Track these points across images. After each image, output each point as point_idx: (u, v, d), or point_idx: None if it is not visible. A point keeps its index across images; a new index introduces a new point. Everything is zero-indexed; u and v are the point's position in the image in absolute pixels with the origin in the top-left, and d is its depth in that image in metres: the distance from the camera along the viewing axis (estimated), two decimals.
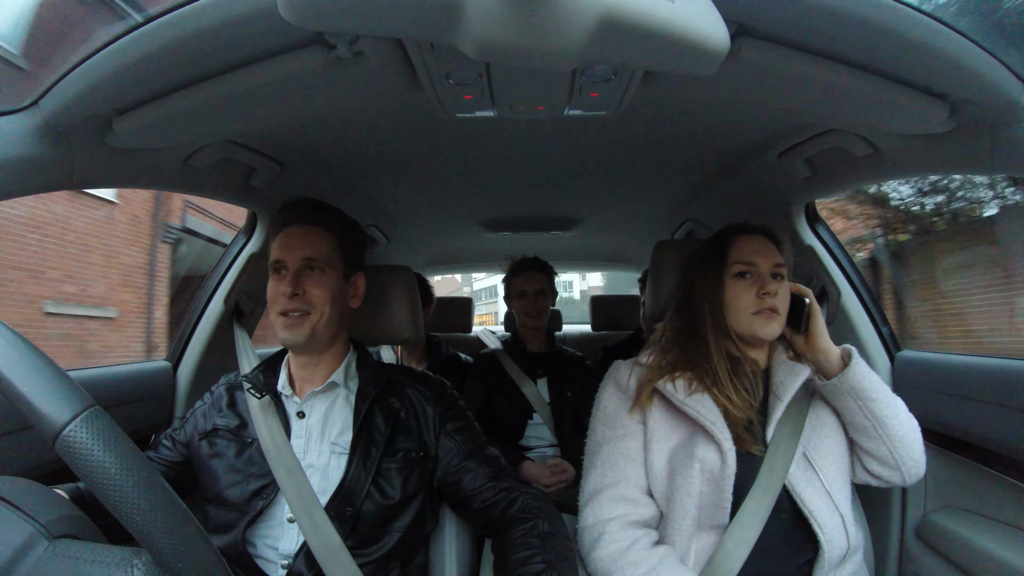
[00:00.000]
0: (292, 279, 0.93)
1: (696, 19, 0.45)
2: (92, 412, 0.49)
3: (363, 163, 1.34)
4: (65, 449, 0.47)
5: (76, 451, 0.47)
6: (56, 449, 0.47)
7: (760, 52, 0.64)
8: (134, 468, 0.48)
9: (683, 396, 0.93)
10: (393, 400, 0.98)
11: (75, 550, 0.49)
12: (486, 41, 0.42)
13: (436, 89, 0.75)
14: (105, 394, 1.13)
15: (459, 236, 2.25)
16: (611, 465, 0.96)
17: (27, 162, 0.74)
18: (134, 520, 0.47)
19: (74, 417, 0.47)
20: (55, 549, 0.49)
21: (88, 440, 0.47)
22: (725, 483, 0.87)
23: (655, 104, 0.97)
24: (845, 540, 0.88)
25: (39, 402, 0.47)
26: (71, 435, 0.47)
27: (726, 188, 1.49)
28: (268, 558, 0.89)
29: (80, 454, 0.47)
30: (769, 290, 0.94)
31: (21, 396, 0.48)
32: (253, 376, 0.98)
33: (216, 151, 1.03)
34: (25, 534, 0.49)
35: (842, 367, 0.93)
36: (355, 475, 0.90)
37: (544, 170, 1.43)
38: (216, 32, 0.61)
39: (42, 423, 0.47)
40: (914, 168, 0.98)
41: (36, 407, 0.47)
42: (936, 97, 0.72)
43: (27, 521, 0.50)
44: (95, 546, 0.50)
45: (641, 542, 0.89)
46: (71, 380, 0.50)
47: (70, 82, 0.70)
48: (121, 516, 0.47)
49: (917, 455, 0.93)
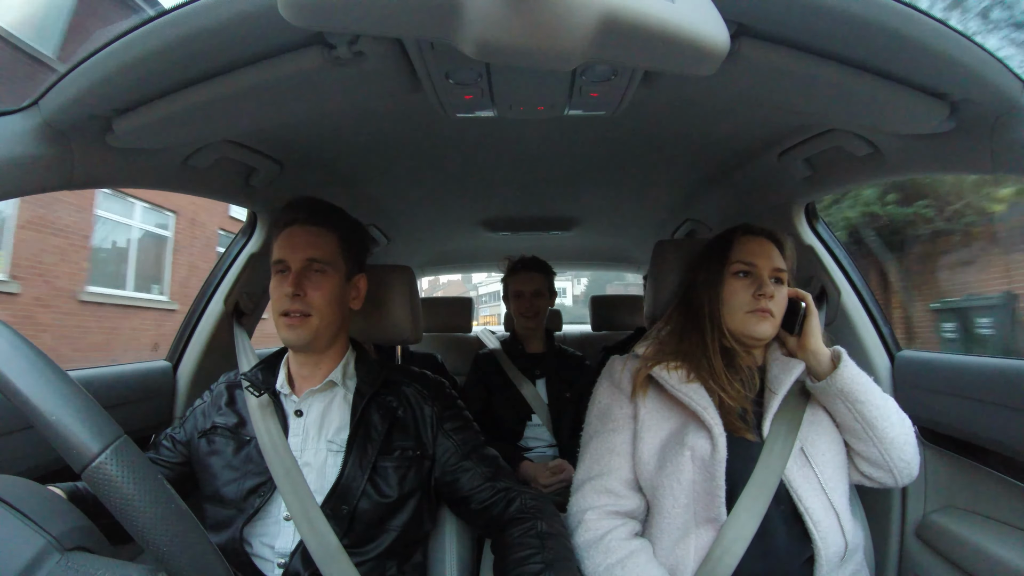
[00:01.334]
0: (294, 279, 0.93)
1: (696, 19, 0.45)
2: (121, 443, 0.49)
3: (363, 163, 1.34)
4: (94, 480, 0.47)
5: (106, 482, 0.47)
6: (84, 478, 0.48)
7: (760, 52, 0.64)
8: (161, 499, 0.49)
9: (676, 383, 0.95)
10: (391, 399, 0.99)
11: (87, 564, 0.48)
12: (486, 41, 0.42)
13: (436, 89, 0.75)
14: (105, 394, 1.13)
15: (459, 236, 2.25)
16: (597, 458, 0.98)
17: (27, 162, 0.74)
18: (158, 547, 0.48)
19: (104, 448, 0.48)
20: (67, 563, 0.48)
21: (117, 472, 0.48)
22: (716, 469, 0.87)
23: (655, 104, 0.97)
24: (841, 539, 0.88)
25: (68, 433, 0.48)
26: (101, 467, 0.47)
27: (726, 188, 1.49)
28: (265, 556, 0.89)
29: (110, 485, 0.47)
30: (765, 291, 0.95)
31: (49, 425, 0.48)
32: (252, 375, 0.98)
33: (216, 151, 1.03)
34: (37, 547, 0.48)
35: (832, 369, 0.93)
36: (351, 473, 0.90)
37: (544, 170, 1.43)
38: (216, 32, 0.60)
39: (70, 454, 0.48)
40: (914, 168, 0.98)
41: (65, 438, 0.48)
42: (936, 97, 0.72)
43: (38, 533, 0.49)
44: (108, 561, 0.50)
45: (616, 532, 0.91)
46: (100, 409, 0.50)
47: (70, 82, 0.70)
48: (146, 543, 0.48)
49: (909, 457, 0.93)
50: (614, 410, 1.00)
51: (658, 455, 0.94)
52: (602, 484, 0.96)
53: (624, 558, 0.88)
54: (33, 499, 0.54)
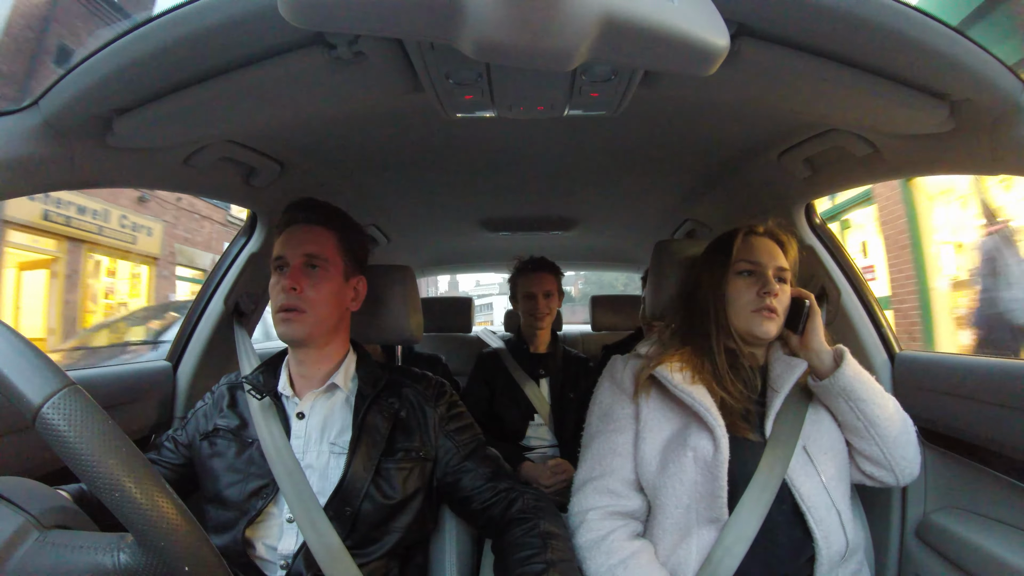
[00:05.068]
0: (292, 274, 0.93)
1: (696, 19, 0.45)
2: (70, 390, 0.48)
3: (363, 163, 1.34)
4: (44, 427, 0.47)
5: (55, 429, 0.47)
6: (36, 427, 0.47)
7: (760, 52, 0.64)
8: (113, 446, 0.48)
9: (678, 383, 0.95)
10: (393, 400, 0.99)
11: (66, 539, 0.50)
12: (486, 41, 0.42)
13: (436, 89, 0.75)
14: (105, 394, 1.13)
15: (459, 236, 2.25)
16: (599, 459, 0.98)
17: (27, 162, 0.74)
18: (112, 497, 0.46)
19: (52, 394, 0.47)
20: (46, 539, 0.49)
21: (63, 419, 0.47)
22: (718, 470, 0.87)
23: (655, 104, 0.97)
24: (843, 538, 0.88)
25: (17, 380, 0.47)
26: (49, 413, 0.47)
27: (726, 188, 1.49)
28: (267, 558, 0.89)
29: (59, 432, 0.46)
30: (770, 290, 0.95)
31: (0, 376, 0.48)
32: (253, 377, 0.98)
33: (216, 151, 1.03)
34: (16, 525, 0.49)
35: (834, 368, 0.93)
36: (354, 475, 0.90)
37: (544, 170, 1.43)
38: (216, 32, 0.61)
39: (20, 401, 0.47)
40: (914, 168, 0.98)
41: (14, 385, 0.47)
42: (936, 97, 0.72)
43: (18, 512, 0.50)
44: (83, 534, 0.51)
45: (618, 532, 0.91)
46: (49, 359, 0.50)
47: (70, 82, 0.70)
48: (100, 493, 0.47)
49: (910, 455, 0.93)
50: (616, 410, 1.00)
51: (660, 455, 0.94)
52: (604, 484, 0.96)
53: (626, 559, 0.88)
54: (16, 485, 0.55)
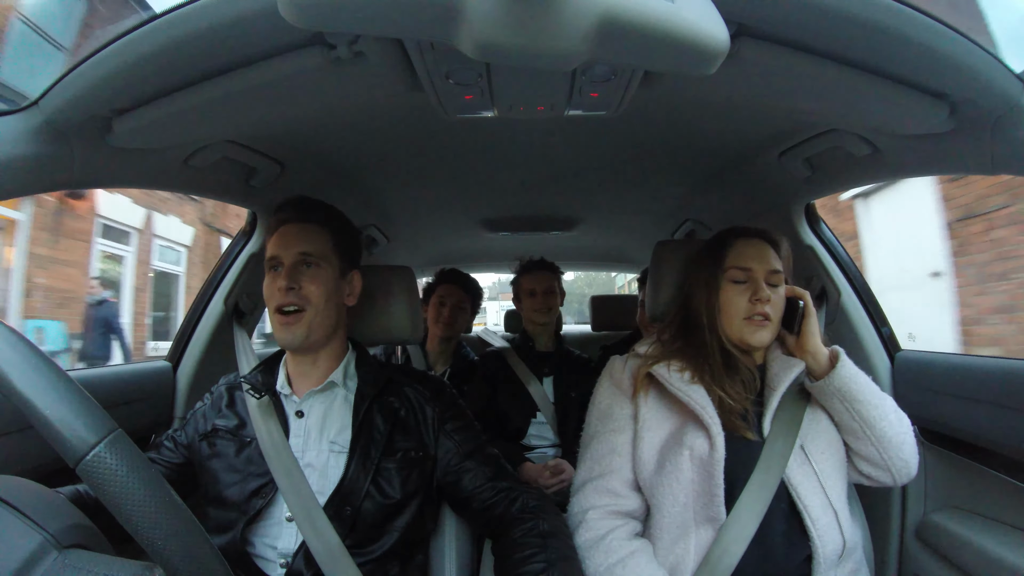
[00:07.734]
0: (288, 273, 0.93)
1: (696, 19, 0.45)
2: (116, 436, 0.49)
3: (363, 163, 1.34)
4: (88, 473, 0.47)
5: (100, 476, 0.47)
6: (79, 472, 0.48)
7: (760, 52, 0.64)
8: (156, 493, 0.49)
9: (677, 382, 0.95)
10: (392, 399, 0.98)
11: (85, 561, 0.48)
12: (486, 41, 0.42)
13: (436, 89, 0.75)
14: (105, 394, 1.13)
15: (459, 236, 2.25)
16: (599, 459, 0.99)
17: (27, 162, 0.74)
18: (153, 541, 0.48)
19: (98, 442, 0.48)
20: (65, 560, 0.48)
21: (112, 465, 0.48)
22: (715, 469, 0.87)
23: (655, 104, 0.97)
24: (840, 537, 0.88)
25: (62, 427, 0.48)
26: (95, 460, 0.48)
27: (726, 188, 1.49)
28: (267, 557, 0.89)
29: (104, 478, 0.47)
30: (762, 296, 0.95)
31: (44, 420, 0.48)
32: (252, 376, 0.98)
33: (216, 151, 1.03)
34: (35, 544, 0.48)
35: (830, 369, 0.93)
36: (354, 474, 0.90)
37: (544, 170, 1.43)
38: (216, 32, 0.60)
39: (65, 448, 0.48)
40: (914, 168, 0.98)
41: (59, 432, 0.48)
42: (936, 97, 0.72)
43: (36, 530, 0.49)
44: (105, 558, 0.50)
45: (617, 532, 0.92)
46: (94, 403, 0.51)
47: (70, 82, 0.70)
48: (141, 537, 0.48)
49: (907, 456, 0.93)
50: (615, 410, 1.01)
51: (658, 455, 0.94)
52: (603, 484, 0.96)
53: (625, 558, 0.88)
54: (31, 498, 0.54)
